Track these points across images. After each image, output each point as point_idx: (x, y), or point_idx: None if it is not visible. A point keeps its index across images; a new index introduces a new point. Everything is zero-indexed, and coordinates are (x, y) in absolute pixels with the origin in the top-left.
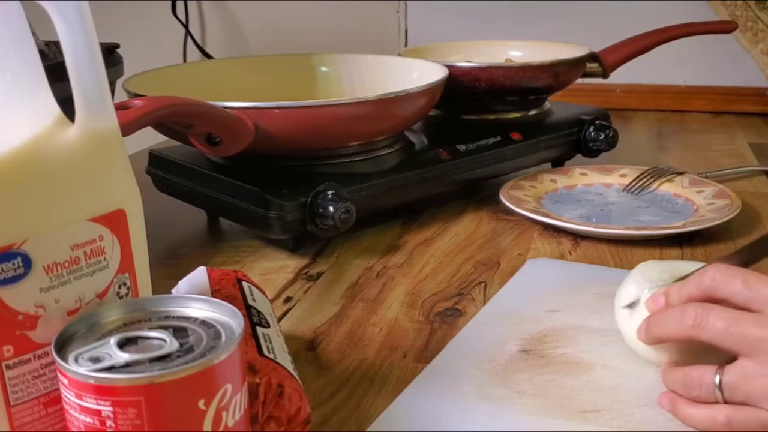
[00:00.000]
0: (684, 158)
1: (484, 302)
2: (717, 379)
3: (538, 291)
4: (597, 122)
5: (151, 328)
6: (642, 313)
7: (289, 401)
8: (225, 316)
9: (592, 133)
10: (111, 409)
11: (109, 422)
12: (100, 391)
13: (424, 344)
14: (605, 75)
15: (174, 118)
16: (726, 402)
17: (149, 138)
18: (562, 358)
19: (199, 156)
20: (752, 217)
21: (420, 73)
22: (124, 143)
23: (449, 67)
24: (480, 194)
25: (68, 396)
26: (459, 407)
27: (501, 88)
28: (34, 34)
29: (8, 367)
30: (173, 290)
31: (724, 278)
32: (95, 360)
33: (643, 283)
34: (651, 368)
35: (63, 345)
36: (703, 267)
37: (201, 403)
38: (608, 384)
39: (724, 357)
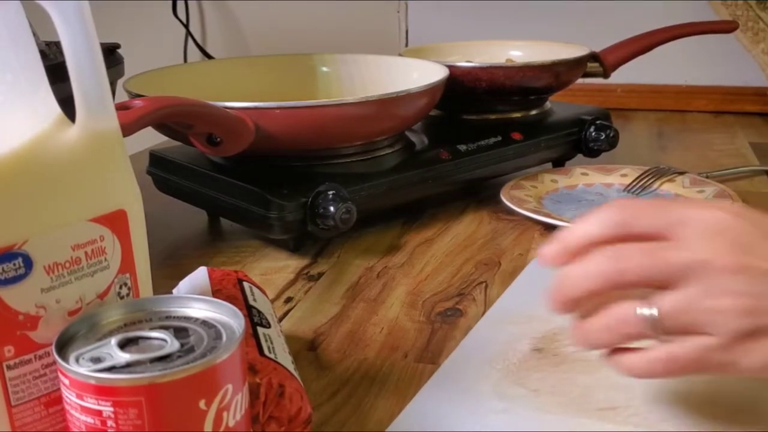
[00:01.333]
0: (685, 158)
1: (485, 302)
2: (651, 312)
3: (543, 291)
4: (598, 122)
5: (151, 329)
6: None
7: (290, 401)
8: (226, 316)
9: (593, 133)
10: (112, 409)
11: (110, 422)
12: (101, 391)
13: (425, 344)
14: (606, 75)
15: (174, 119)
16: (663, 334)
17: (150, 138)
18: (574, 356)
19: (199, 156)
20: None
21: (420, 73)
22: (125, 143)
23: (450, 67)
24: (481, 194)
25: (69, 396)
26: (476, 407)
27: (502, 88)
28: (34, 34)
29: (9, 368)
30: (174, 290)
31: (635, 212)
32: (96, 360)
33: None
34: None
35: (64, 345)
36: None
37: (202, 404)
38: (621, 381)
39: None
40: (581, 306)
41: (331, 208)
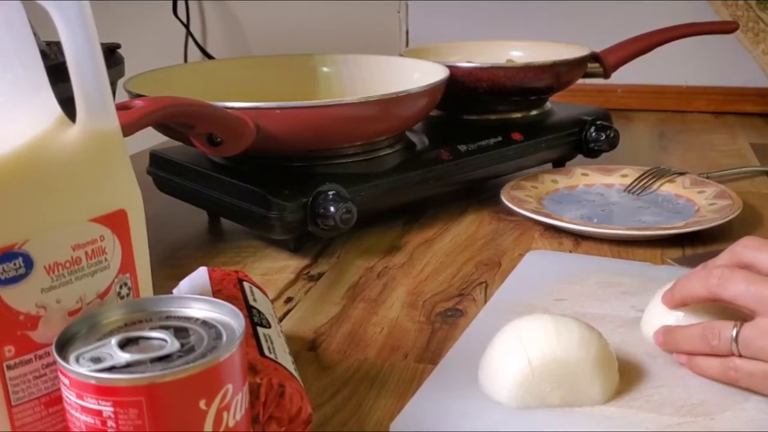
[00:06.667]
0: (685, 159)
1: (486, 302)
2: (734, 333)
3: (541, 282)
4: (598, 122)
5: (152, 329)
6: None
7: (290, 401)
8: (226, 316)
9: (593, 134)
10: (112, 409)
11: (110, 422)
12: (101, 391)
13: (426, 344)
14: (606, 75)
15: (175, 119)
16: (740, 356)
17: (150, 138)
18: None
19: (200, 156)
20: (753, 217)
21: (421, 74)
22: (125, 143)
23: (450, 67)
24: (481, 194)
25: (69, 396)
26: (478, 400)
27: (502, 89)
28: (35, 34)
29: (9, 368)
30: (174, 290)
31: (755, 247)
32: (96, 360)
33: None
34: (661, 352)
35: (64, 345)
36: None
37: (202, 404)
38: (622, 368)
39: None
40: (686, 306)
41: (332, 209)
